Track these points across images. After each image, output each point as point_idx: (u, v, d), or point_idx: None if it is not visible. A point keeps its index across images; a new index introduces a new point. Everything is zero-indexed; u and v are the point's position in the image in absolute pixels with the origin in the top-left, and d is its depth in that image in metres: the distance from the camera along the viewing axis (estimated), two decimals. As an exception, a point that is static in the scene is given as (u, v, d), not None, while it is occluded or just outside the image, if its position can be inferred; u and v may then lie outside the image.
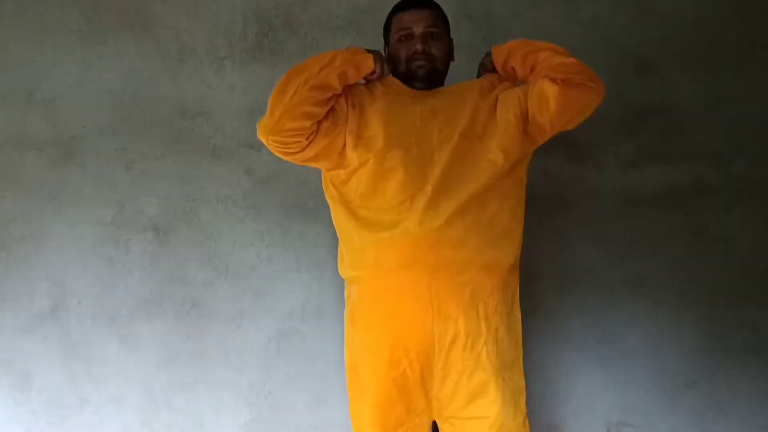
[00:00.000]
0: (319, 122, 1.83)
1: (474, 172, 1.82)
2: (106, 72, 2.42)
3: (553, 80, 1.79)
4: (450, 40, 1.99)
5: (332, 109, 1.86)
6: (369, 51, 1.88)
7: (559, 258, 2.52)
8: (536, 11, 2.52)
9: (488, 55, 1.97)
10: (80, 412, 2.44)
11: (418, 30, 1.90)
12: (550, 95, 1.80)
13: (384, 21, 2.05)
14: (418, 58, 1.89)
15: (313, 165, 1.93)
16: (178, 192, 2.45)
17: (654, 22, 2.55)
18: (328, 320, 2.48)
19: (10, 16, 2.40)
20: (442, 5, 1.97)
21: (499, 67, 1.95)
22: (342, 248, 1.94)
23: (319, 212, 2.46)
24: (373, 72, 1.87)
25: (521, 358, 1.95)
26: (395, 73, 1.96)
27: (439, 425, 1.93)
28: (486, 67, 2.00)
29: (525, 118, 1.87)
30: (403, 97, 1.91)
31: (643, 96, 2.54)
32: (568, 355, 2.54)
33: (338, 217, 1.93)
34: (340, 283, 2.44)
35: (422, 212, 1.77)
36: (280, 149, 1.85)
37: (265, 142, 1.84)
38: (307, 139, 1.82)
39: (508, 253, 1.87)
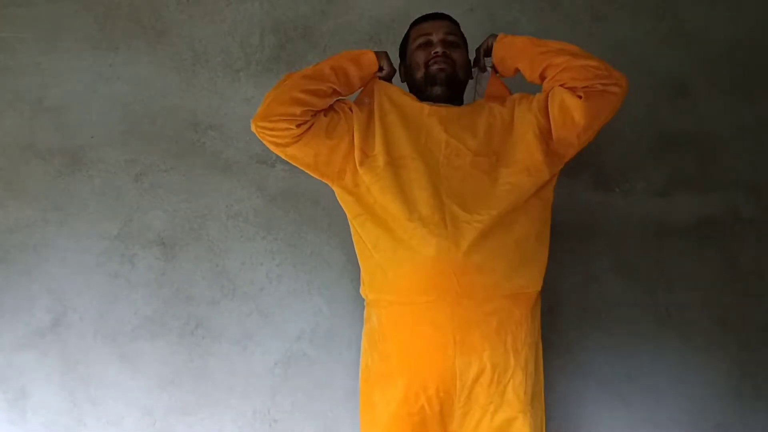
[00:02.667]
0: (314, 116, 1.78)
1: (497, 193, 1.73)
2: (118, 80, 2.38)
3: (574, 91, 1.71)
4: (465, 43, 1.96)
5: (334, 111, 1.82)
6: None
7: (584, 289, 2.42)
8: (565, 31, 2.44)
9: (493, 36, 1.91)
10: (76, 434, 2.35)
11: (437, 36, 1.88)
12: (574, 110, 1.72)
13: (404, 33, 2.02)
14: (438, 61, 1.85)
15: (318, 174, 1.87)
16: (187, 206, 2.39)
17: (688, 44, 2.47)
18: (338, 345, 2.39)
19: (21, 20, 2.37)
20: (472, 23, 1.96)
21: (496, 61, 1.89)
22: (363, 267, 1.86)
23: (333, 231, 2.38)
24: (381, 68, 1.88)
25: (543, 389, 1.86)
26: (412, 82, 1.92)
27: None
28: (486, 52, 1.93)
29: (546, 136, 1.78)
30: (409, 111, 1.84)
31: (676, 121, 2.45)
32: (592, 391, 2.42)
33: (356, 236, 1.86)
34: (352, 306, 2.38)
35: (443, 235, 1.68)
36: (269, 137, 1.78)
37: (256, 131, 1.79)
38: (298, 127, 1.75)
39: (536, 278, 1.78)
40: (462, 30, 1.98)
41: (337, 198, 1.90)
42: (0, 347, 2.35)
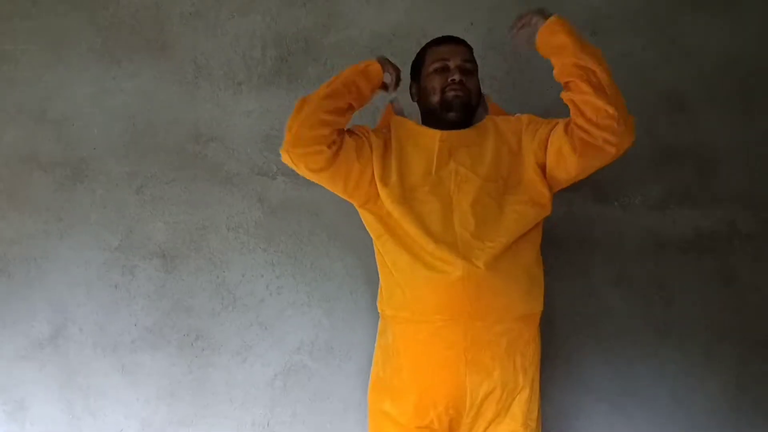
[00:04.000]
0: (341, 137, 1.82)
1: (504, 221, 1.79)
2: (120, 93, 2.39)
3: (573, 146, 1.77)
4: (477, 69, 1.98)
5: (358, 135, 1.88)
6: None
7: (582, 302, 2.42)
8: (565, 45, 2.45)
9: (540, 14, 1.80)
10: (75, 445, 2.36)
11: (454, 62, 1.89)
12: (569, 162, 1.79)
13: (406, 48, 2.08)
14: (455, 88, 1.87)
15: (347, 196, 1.92)
16: (188, 218, 2.40)
17: (686, 59, 2.48)
18: (337, 357, 2.40)
19: (25, 32, 2.38)
20: (472, 37, 2.00)
21: (538, 46, 1.82)
22: (382, 284, 1.91)
23: (333, 244, 2.40)
24: (384, 86, 1.90)
25: (540, 409, 1.92)
26: (426, 104, 1.94)
27: None
28: (528, 24, 1.83)
29: (543, 170, 1.85)
30: (422, 141, 1.89)
31: (674, 135, 2.46)
32: (591, 404, 2.43)
33: (378, 255, 1.91)
34: (351, 318, 2.39)
35: (457, 261, 1.73)
36: (304, 163, 1.82)
37: (290, 162, 1.83)
38: (329, 148, 1.79)
39: (540, 300, 1.86)
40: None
41: (361, 218, 1.95)
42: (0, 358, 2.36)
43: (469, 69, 1.91)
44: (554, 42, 1.76)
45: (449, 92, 1.87)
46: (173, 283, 2.38)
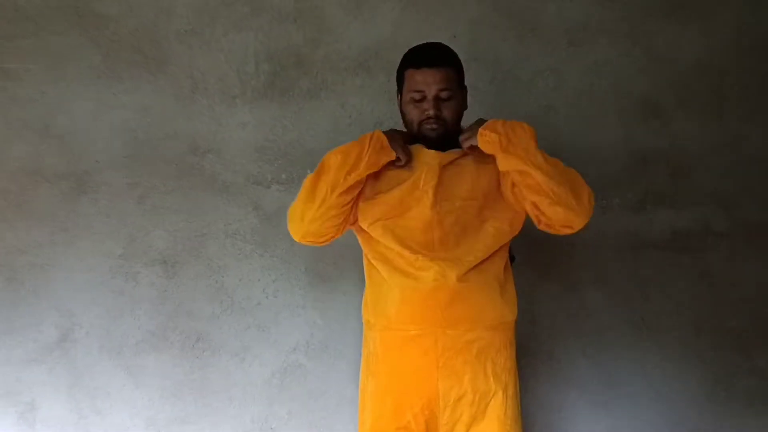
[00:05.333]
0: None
1: (485, 235, 1.86)
2: (120, 108, 2.46)
3: (537, 221, 1.87)
4: (464, 90, 1.94)
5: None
6: (391, 137, 1.87)
7: (564, 300, 2.52)
8: (544, 55, 2.55)
9: (479, 124, 1.86)
10: (83, 445, 2.46)
11: (430, 93, 1.85)
12: (540, 222, 1.87)
13: (392, 61, 2.03)
14: (430, 122, 1.87)
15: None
16: (187, 226, 2.48)
17: (660, 67, 2.57)
18: (332, 356, 2.50)
19: (28, 51, 2.44)
20: (455, 49, 1.93)
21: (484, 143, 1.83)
22: (368, 293, 1.97)
23: (325, 249, 2.43)
24: (398, 159, 1.88)
25: (521, 412, 1.96)
26: (408, 128, 1.94)
27: None
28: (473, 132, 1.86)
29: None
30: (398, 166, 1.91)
31: (650, 140, 2.56)
32: (573, 399, 2.53)
33: (367, 263, 1.97)
34: (344, 319, 2.48)
35: (433, 274, 1.82)
36: (313, 243, 1.93)
37: (298, 240, 1.91)
38: (338, 230, 1.90)
39: (512, 309, 1.92)
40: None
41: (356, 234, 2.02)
42: (10, 363, 2.45)
43: (446, 97, 1.86)
44: (498, 148, 1.80)
45: (425, 126, 1.88)
46: (174, 288, 2.48)
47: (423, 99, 1.86)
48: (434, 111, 1.85)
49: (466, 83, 1.95)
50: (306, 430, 2.49)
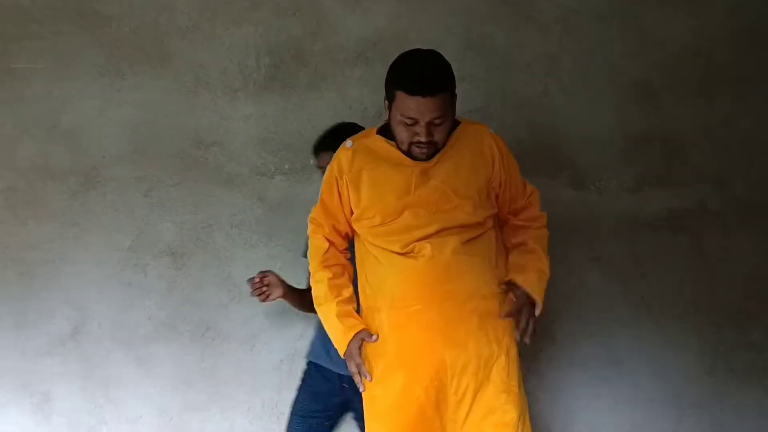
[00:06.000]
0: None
1: (461, 216, 1.91)
2: (125, 104, 2.52)
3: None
4: (454, 101, 1.90)
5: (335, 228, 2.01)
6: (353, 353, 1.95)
7: (564, 281, 2.55)
8: (537, 42, 2.60)
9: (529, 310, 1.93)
10: (99, 433, 2.51)
11: (423, 120, 1.82)
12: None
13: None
14: (421, 146, 1.86)
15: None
16: (194, 218, 2.54)
17: (653, 49, 2.62)
18: (338, 342, 2.55)
19: (34, 52, 2.50)
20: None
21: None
22: (364, 280, 2.01)
23: (329, 237, 2.53)
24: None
25: (522, 379, 2.02)
26: (394, 138, 1.93)
27: None
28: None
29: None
30: (392, 165, 1.93)
31: (644, 122, 2.61)
32: (575, 377, 2.58)
33: (362, 251, 2.01)
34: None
35: (430, 250, 1.88)
36: None
37: None
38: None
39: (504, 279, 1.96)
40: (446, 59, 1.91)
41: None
42: (24, 355, 2.51)
43: (440, 123, 1.84)
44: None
45: (415, 149, 1.87)
46: (183, 279, 2.53)
47: (415, 124, 1.83)
48: (426, 138, 1.84)
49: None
50: (315, 414, 2.54)
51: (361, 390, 1.94)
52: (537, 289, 1.93)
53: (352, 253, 2.04)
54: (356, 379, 1.95)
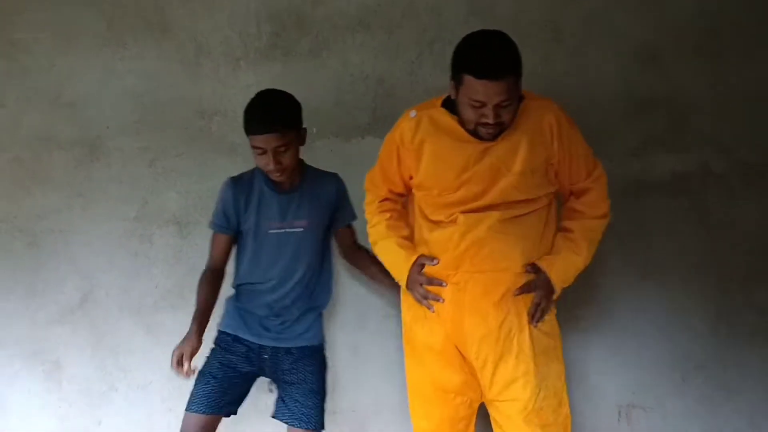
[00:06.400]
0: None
1: (511, 192, 1.99)
2: (128, 74, 2.53)
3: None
4: (520, 82, 1.92)
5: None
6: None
7: (567, 245, 2.57)
8: (541, 6, 2.57)
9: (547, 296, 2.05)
10: (109, 399, 2.57)
11: (491, 103, 1.85)
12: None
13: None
14: (487, 127, 1.91)
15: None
16: (198, 188, 2.56)
17: (658, 12, 2.58)
18: (342, 306, 2.57)
19: (36, 24, 2.51)
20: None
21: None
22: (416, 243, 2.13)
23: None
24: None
25: (560, 346, 2.13)
26: (460, 115, 1.97)
27: (487, 407, 2.13)
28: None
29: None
30: (454, 140, 1.99)
31: (649, 85, 2.58)
32: (580, 341, 2.59)
33: (413, 213, 2.14)
34: (353, 272, 2.54)
35: (466, 227, 1.98)
36: None
37: None
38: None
39: (538, 256, 2.04)
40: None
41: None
42: (34, 324, 2.55)
43: (507, 105, 1.87)
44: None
45: (482, 129, 1.91)
46: (188, 248, 2.56)
47: (482, 106, 1.86)
48: (494, 120, 1.88)
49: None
50: (321, 379, 2.58)
51: (431, 311, 2.05)
52: (560, 277, 2.03)
53: None
54: (423, 303, 2.04)
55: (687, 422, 2.63)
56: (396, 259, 2.07)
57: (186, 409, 2.14)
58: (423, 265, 2.03)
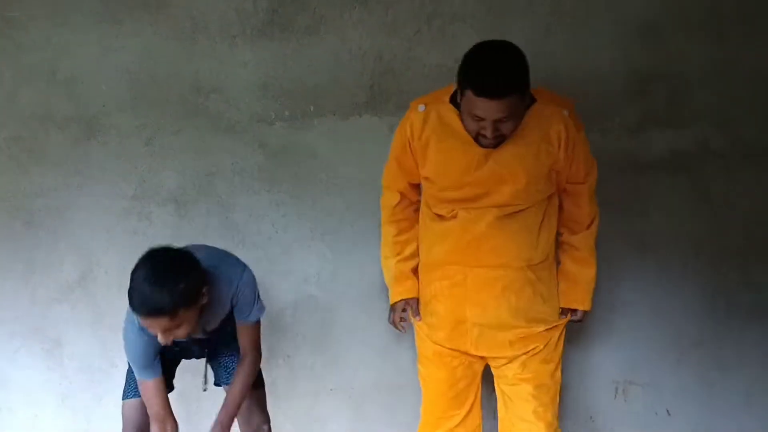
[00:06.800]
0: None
1: (509, 197, 2.02)
2: (124, 51, 2.50)
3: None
4: (525, 97, 1.91)
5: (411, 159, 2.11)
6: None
7: (566, 223, 2.57)
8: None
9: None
10: (109, 376, 2.58)
11: (489, 119, 1.86)
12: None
13: None
14: (486, 139, 1.93)
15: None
16: (196, 166, 2.55)
17: (658, -14, 2.56)
18: (342, 285, 2.59)
19: (31, 1, 2.47)
20: None
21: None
22: (421, 239, 2.20)
23: (330, 183, 2.55)
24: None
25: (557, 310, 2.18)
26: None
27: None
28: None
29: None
30: (459, 142, 1.99)
31: (648, 61, 2.56)
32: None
33: (428, 214, 2.17)
34: (353, 249, 2.57)
35: (466, 223, 2.04)
36: None
37: None
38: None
39: (542, 253, 2.09)
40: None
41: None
42: (34, 302, 2.57)
43: (506, 121, 1.88)
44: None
45: (481, 139, 1.93)
46: (187, 225, 2.56)
47: (482, 120, 1.88)
48: (492, 134, 1.90)
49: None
50: (319, 357, 2.60)
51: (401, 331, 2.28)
52: (589, 300, 2.18)
53: None
54: (395, 326, 2.26)
55: (683, 399, 2.66)
56: (389, 283, 2.22)
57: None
58: (403, 309, 2.21)
